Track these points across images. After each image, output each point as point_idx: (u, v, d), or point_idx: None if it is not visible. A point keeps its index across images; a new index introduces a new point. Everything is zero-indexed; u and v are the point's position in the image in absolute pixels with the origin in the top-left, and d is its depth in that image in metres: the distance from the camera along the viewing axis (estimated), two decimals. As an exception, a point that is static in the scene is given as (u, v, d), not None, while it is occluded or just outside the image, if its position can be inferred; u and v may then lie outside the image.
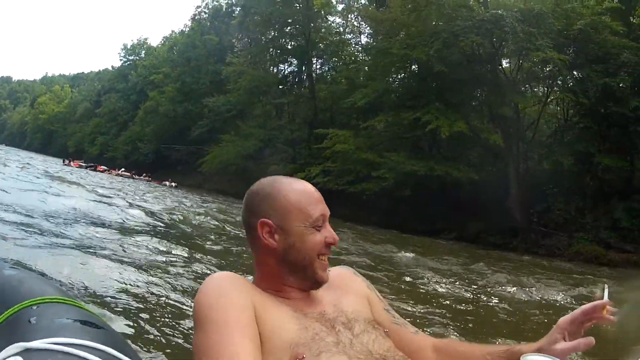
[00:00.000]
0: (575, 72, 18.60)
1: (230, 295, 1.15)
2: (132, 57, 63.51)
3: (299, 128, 31.82)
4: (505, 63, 21.38)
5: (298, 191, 1.31)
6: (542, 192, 19.22)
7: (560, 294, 7.67)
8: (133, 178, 36.29)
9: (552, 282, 8.97)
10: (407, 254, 11.02)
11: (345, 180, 22.92)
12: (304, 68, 32.82)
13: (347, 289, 1.40)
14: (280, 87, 34.61)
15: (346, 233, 14.22)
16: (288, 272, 1.28)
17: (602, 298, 1.31)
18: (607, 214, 17.83)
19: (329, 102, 29.97)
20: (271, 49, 35.33)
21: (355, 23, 32.94)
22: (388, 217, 21.52)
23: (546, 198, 18.96)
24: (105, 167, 41.84)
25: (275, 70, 36.96)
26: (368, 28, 29.53)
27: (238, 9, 42.51)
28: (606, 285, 1.40)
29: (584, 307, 1.31)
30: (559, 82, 19.49)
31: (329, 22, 33.84)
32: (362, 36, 32.55)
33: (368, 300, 1.41)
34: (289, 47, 33.57)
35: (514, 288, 7.71)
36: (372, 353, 1.23)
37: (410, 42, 21.47)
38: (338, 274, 1.44)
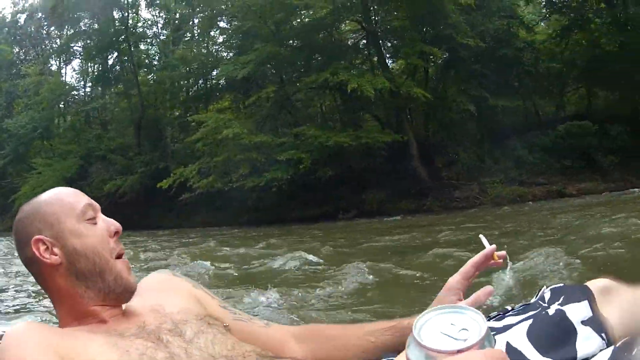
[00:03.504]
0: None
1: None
2: None
3: (126, 131, 31.51)
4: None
5: (55, 193, 1.31)
6: (443, 145, 21.24)
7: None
8: None
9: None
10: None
11: (239, 174, 21.92)
12: (125, 58, 31.40)
13: (169, 291, 1.37)
14: (93, 87, 32.62)
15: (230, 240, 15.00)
16: (85, 287, 1.21)
17: (485, 247, 1.50)
18: (510, 153, 21.31)
19: (161, 92, 30.29)
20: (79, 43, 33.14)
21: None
22: (262, 213, 22.22)
23: (448, 151, 21.07)
24: None
25: (93, 67, 34.92)
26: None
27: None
28: (481, 236, 1.58)
29: (473, 259, 1.47)
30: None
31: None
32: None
33: (197, 298, 1.37)
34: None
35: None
36: (214, 357, 1.18)
37: None
38: (155, 279, 1.44)
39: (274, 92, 22.48)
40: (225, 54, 29.95)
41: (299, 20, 25.09)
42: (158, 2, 31.84)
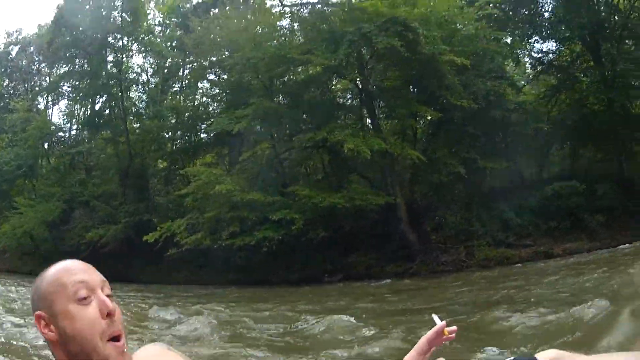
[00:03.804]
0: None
1: None
2: None
3: (111, 178, 31.61)
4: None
5: (57, 269, 1.38)
6: (432, 208, 21.56)
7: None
8: None
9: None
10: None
11: (229, 232, 21.64)
12: (113, 103, 31.61)
13: None
14: (80, 130, 32.76)
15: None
16: None
17: (436, 324, 1.70)
18: (497, 216, 22.03)
19: (148, 141, 30.49)
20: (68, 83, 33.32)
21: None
22: (247, 273, 22.55)
23: (436, 214, 21.35)
24: None
25: (80, 109, 35.02)
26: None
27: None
28: (434, 315, 1.77)
29: (426, 336, 1.64)
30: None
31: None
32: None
33: None
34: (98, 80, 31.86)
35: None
36: None
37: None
38: (150, 352, 1.49)
39: (268, 149, 22.90)
40: (212, 108, 30.46)
41: (292, 76, 25.86)
42: (149, 48, 31.84)
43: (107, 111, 33.34)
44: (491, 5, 23.58)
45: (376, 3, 21.75)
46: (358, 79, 23.61)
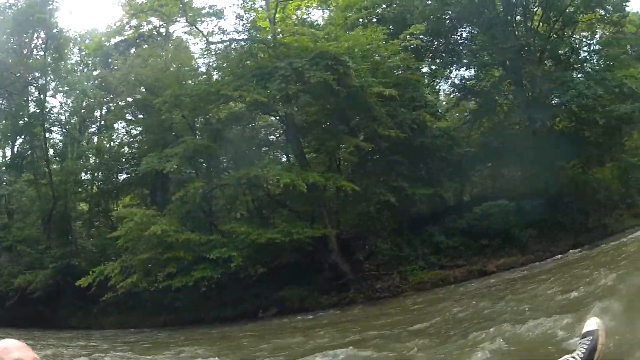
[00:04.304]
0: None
1: None
2: None
3: (34, 222, 31.69)
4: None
5: None
6: (363, 237, 24.10)
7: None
8: None
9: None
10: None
11: (165, 273, 21.45)
12: (35, 144, 31.28)
13: None
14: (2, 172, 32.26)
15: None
16: None
17: None
18: (427, 240, 23.61)
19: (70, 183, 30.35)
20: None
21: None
22: (179, 314, 22.97)
23: (367, 242, 22.49)
24: None
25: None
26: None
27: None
28: None
29: None
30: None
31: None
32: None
33: None
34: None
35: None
36: None
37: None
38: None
39: (201, 188, 23.05)
40: (131, 149, 30.77)
41: (215, 114, 26.32)
42: (72, 87, 31.64)
43: (29, 152, 33.17)
44: (413, 36, 24.75)
45: (302, 39, 22.58)
46: (284, 114, 24.49)
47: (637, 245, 18.99)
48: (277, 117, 25.50)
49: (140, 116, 30.60)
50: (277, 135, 27.67)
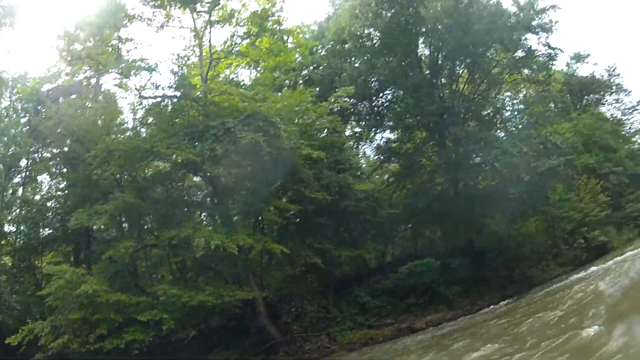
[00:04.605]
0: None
1: None
2: None
3: None
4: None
5: None
6: (290, 299, 24.96)
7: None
8: None
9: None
10: None
11: (96, 335, 20.87)
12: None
13: None
14: None
15: None
16: None
17: None
18: (353, 300, 24.76)
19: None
20: None
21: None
22: None
23: (294, 304, 24.07)
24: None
25: None
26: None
27: None
28: None
29: None
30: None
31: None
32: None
33: None
34: None
35: None
36: None
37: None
38: None
39: (131, 247, 22.92)
40: (56, 203, 30.89)
41: (141, 172, 26.35)
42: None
43: None
44: (341, 98, 25.80)
45: (231, 98, 23.27)
46: (210, 174, 24.80)
47: (560, 294, 19.93)
48: (205, 178, 26.08)
49: (65, 170, 30.46)
50: (203, 197, 28.28)
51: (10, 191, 33.47)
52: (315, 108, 25.73)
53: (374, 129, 32.10)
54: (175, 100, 26.44)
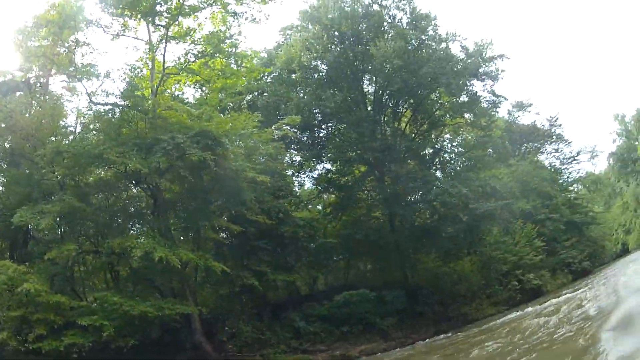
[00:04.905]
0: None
1: None
2: None
3: None
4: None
5: None
6: (225, 318, 25.34)
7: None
8: None
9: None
10: None
11: (35, 334, 20.11)
12: None
13: None
14: None
15: None
16: None
17: None
18: (288, 324, 25.35)
19: None
20: None
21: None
22: None
23: (230, 323, 23.68)
24: None
25: None
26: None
27: None
28: None
29: None
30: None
31: None
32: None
33: None
34: None
35: None
36: None
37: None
38: None
39: (74, 251, 22.89)
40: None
41: (80, 178, 26.17)
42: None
43: None
44: (287, 126, 26.34)
45: (178, 115, 23.52)
46: (154, 187, 25.24)
47: (489, 333, 20.70)
48: (147, 190, 26.36)
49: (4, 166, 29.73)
50: (143, 208, 28.46)
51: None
52: (260, 133, 26.48)
53: (314, 159, 33.23)
54: (124, 109, 26.53)
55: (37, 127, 26.18)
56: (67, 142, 26.04)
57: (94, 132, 27.95)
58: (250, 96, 33.66)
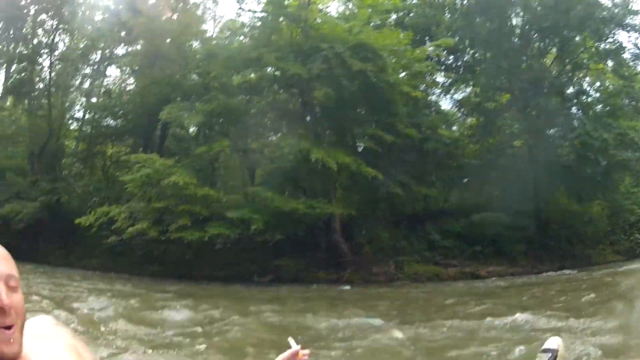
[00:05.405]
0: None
1: None
2: None
3: (19, 152, 33.44)
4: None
5: None
6: (365, 222, 26.69)
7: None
8: None
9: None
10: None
11: (178, 225, 22.08)
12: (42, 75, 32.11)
13: (48, 339, 1.57)
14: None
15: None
16: None
17: (291, 347, 2.16)
18: (424, 236, 26.74)
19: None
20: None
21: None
22: (168, 267, 23.98)
23: (368, 227, 26.67)
24: None
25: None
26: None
27: None
28: (290, 338, 2.20)
29: (282, 356, 2.08)
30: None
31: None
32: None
33: (76, 350, 1.60)
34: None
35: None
36: None
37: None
38: (35, 325, 1.59)
39: (228, 148, 24.60)
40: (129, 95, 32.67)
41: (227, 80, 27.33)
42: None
43: (36, 79, 34.11)
44: (440, 48, 27.07)
45: (334, 27, 24.24)
46: (305, 92, 26.31)
47: (621, 276, 21.15)
48: (299, 96, 27.32)
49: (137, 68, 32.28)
50: (291, 113, 29.43)
51: (89, 78, 34.65)
52: (412, 50, 26.86)
53: (462, 82, 33.28)
54: (274, 17, 27.09)
55: (181, 31, 27.23)
56: (223, 44, 27.27)
57: (243, 38, 29.07)
58: (396, 15, 33.14)
